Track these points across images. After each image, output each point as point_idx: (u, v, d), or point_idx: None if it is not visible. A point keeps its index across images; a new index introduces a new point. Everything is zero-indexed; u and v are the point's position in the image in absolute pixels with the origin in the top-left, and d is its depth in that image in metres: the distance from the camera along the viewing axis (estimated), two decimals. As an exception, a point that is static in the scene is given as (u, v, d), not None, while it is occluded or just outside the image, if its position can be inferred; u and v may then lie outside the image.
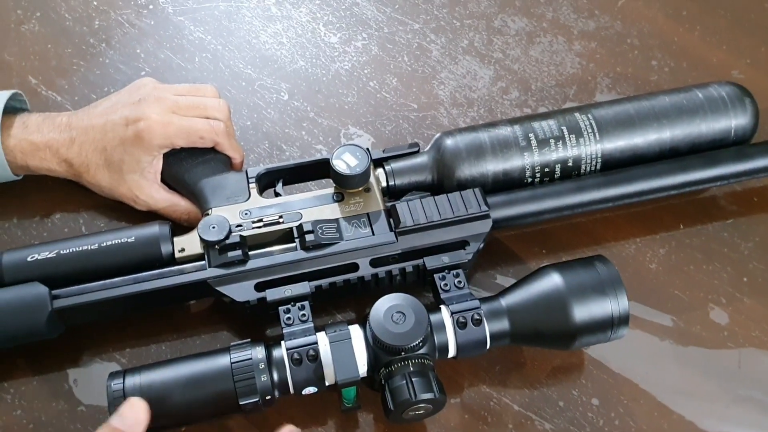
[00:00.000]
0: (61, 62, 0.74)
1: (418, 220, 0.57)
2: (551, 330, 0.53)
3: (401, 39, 0.76)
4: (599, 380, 0.58)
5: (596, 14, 0.78)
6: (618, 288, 0.53)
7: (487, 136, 0.61)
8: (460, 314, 0.53)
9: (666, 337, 0.60)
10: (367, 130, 0.70)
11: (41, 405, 0.57)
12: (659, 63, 0.74)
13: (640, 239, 0.65)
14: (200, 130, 0.60)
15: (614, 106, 0.63)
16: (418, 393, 0.49)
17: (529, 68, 0.74)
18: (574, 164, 0.61)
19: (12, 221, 0.65)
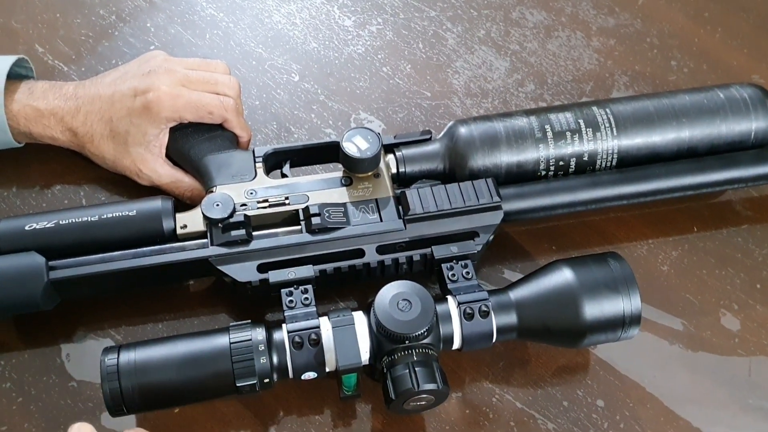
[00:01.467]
0: (69, 32, 0.72)
1: (427, 208, 0.56)
2: (560, 326, 0.52)
3: (417, 26, 0.75)
4: (605, 381, 0.57)
5: (616, 11, 0.76)
6: (631, 286, 0.52)
7: (503, 126, 0.59)
8: (467, 305, 0.51)
9: (676, 341, 0.59)
10: (378, 116, 0.69)
11: (32, 379, 0.55)
12: (678, 63, 0.73)
13: (652, 240, 0.63)
14: (209, 105, 0.58)
15: (633, 102, 0.61)
16: (421, 383, 0.48)
17: (546, 62, 0.73)
18: (589, 159, 0.59)
19: (11, 190, 0.63)
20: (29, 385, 0.55)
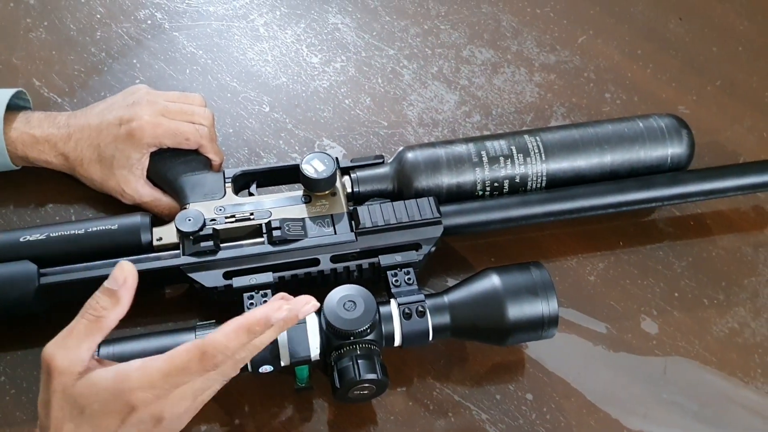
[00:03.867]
0: (63, 68, 0.80)
1: (376, 222, 0.63)
2: (487, 326, 0.59)
3: (377, 63, 0.83)
4: (535, 378, 0.63)
5: (557, 49, 0.85)
6: (549, 291, 0.59)
7: (444, 152, 0.67)
8: (405, 306, 0.58)
9: (599, 343, 0.65)
10: (339, 143, 0.77)
11: (24, 373, 0.62)
12: (612, 96, 0.81)
13: (581, 254, 0.70)
14: (186, 133, 0.66)
15: (561, 130, 0.69)
16: (363, 373, 0.55)
17: (492, 95, 0.81)
18: (521, 181, 0.67)
19: (9, 208, 0.71)
20: (21, 379, 0.61)
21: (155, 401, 0.47)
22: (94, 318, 0.48)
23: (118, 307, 0.49)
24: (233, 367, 0.49)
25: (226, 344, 0.47)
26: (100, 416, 0.47)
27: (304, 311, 0.50)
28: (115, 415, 0.47)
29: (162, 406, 0.47)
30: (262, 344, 0.50)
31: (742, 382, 0.63)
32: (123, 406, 0.46)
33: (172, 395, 0.47)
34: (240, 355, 0.49)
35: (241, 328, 0.48)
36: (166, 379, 0.47)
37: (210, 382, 0.49)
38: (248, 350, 0.49)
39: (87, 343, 0.48)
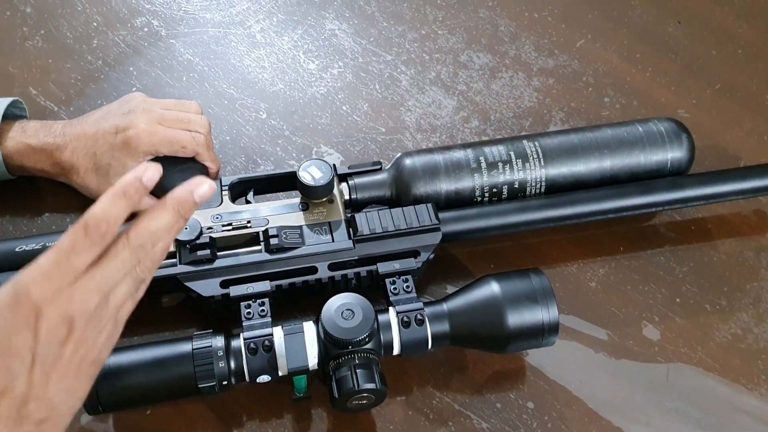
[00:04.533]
0: (60, 76, 0.80)
1: (374, 230, 0.63)
2: (487, 334, 0.58)
3: (374, 69, 0.83)
4: (535, 386, 0.63)
5: (556, 53, 0.84)
6: (549, 298, 0.58)
7: (442, 158, 0.66)
8: (404, 314, 0.58)
9: (600, 350, 0.65)
10: (337, 149, 0.76)
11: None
12: (611, 100, 0.81)
13: (582, 260, 0.70)
14: (182, 141, 0.65)
15: (560, 135, 0.69)
16: (361, 383, 0.54)
17: (490, 100, 0.80)
18: (520, 186, 0.67)
19: (5, 217, 0.70)
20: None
21: (58, 297, 0.42)
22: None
23: None
24: (135, 255, 0.45)
25: (104, 210, 0.44)
26: (9, 340, 0.42)
27: (198, 192, 0.47)
28: (23, 330, 0.42)
29: (67, 304, 0.43)
30: (159, 229, 0.46)
31: (745, 389, 0.63)
32: (27, 313, 0.42)
33: (75, 290, 0.43)
34: (139, 239, 0.45)
35: (114, 191, 0.44)
36: (58, 265, 0.43)
37: (113, 273, 0.44)
38: (147, 235, 0.45)
39: None
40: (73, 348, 0.44)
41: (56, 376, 0.44)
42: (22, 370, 0.43)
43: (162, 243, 0.46)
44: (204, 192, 0.47)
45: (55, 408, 0.45)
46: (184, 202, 0.47)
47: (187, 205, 0.47)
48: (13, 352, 0.43)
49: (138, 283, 0.47)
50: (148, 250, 0.45)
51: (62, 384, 0.45)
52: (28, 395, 0.43)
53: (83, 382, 0.46)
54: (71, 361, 0.44)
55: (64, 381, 0.44)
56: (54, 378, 0.44)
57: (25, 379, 0.43)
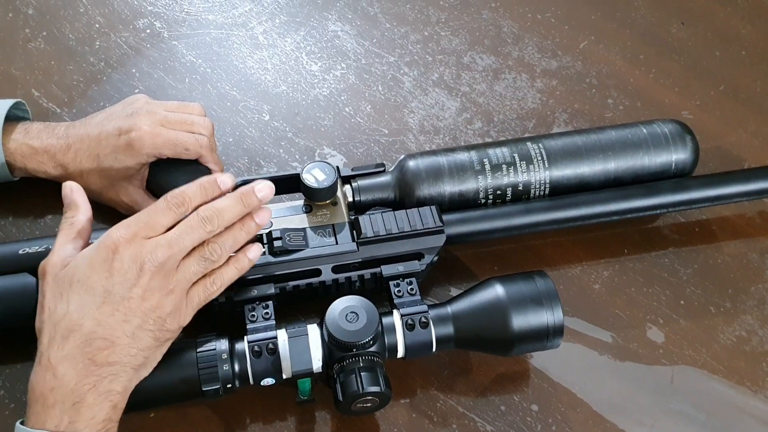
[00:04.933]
0: (62, 78, 0.80)
1: (378, 232, 0.62)
2: (492, 336, 0.58)
3: (377, 70, 0.82)
4: (540, 388, 0.63)
5: (559, 54, 0.84)
6: (554, 300, 0.58)
7: (446, 159, 0.66)
8: (408, 317, 0.58)
9: (605, 352, 0.65)
10: (340, 151, 0.76)
11: (24, 387, 0.59)
12: (615, 101, 0.81)
13: (586, 262, 0.70)
14: (186, 143, 0.65)
15: (564, 137, 0.69)
16: (366, 386, 0.54)
17: (493, 102, 0.80)
18: (524, 188, 0.66)
19: (8, 219, 0.70)
20: (21, 393, 0.61)
21: (133, 242, 0.51)
22: (67, 227, 0.55)
23: (79, 209, 0.56)
24: (202, 225, 0.53)
25: (184, 189, 0.54)
26: (88, 276, 0.51)
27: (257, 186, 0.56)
28: (101, 266, 0.51)
29: (140, 249, 0.51)
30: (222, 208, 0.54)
31: (750, 391, 0.63)
32: (106, 251, 0.51)
33: (149, 241, 0.52)
34: (206, 211, 0.53)
35: (199, 182, 0.55)
36: (138, 219, 0.53)
37: (182, 236, 0.52)
38: (213, 210, 0.54)
39: (71, 244, 0.54)
40: (140, 293, 0.51)
41: (121, 315, 0.50)
42: (93, 307, 0.50)
43: (231, 235, 0.55)
44: (262, 186, 0.56)
45: (117, 350, 0.50)
46: (246, 192, 0.55)
47: (248, 195, 0.55)
48: (89, 287, 0.50)
49: (206, 263, 0.54)
50: (215, 225, 0.53)
51: (126, 327, 0.51)
52: (95, 332, 0.50)
53: (146, 335, 0.52)
54: (138, 308, 0.51)
55: (127, 324, 0.51)
56: (118, 317, 0.50)
57: (94, 316, 0.50)
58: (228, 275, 0.56)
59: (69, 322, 0.50)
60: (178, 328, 0.54)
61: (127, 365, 0.51)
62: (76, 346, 0.50)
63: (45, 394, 0.50)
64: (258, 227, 0.56)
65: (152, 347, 0.52)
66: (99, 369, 0.50)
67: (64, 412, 0.49)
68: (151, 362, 0.53)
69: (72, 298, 0.51)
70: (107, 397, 0.50)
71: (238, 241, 0.56)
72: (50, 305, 0.51)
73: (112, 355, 0.50)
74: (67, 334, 0.50)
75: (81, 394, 0.49)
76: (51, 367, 0.50)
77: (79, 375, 0.49)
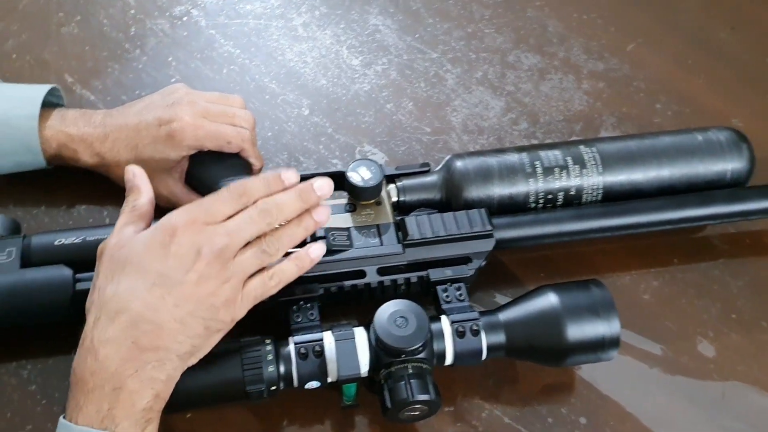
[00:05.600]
0: (96, 64, 0.78)
1: (425, 234, 0.60)
2: (545, 346, 0.56)
3: (419, 66, 0.80)
4: (588, 400, 0.61)
5: (606, 56, 0.82)
6: (611, 311, 0.56)
7: (496, 161, 0.64)
8: (459, 324, 0.55)
9: (654, 365, 0.63)
10: (381, 149, 0.74)
11: (56, 383, 0.59)
12: (663, 106, 0.78)
13: (635, 271, 0.68)
14: (228, 135, 0.63)
15: (618, 141, 0.66)
16: (415, 393, 0.52)
17: (539, 102, 0.78)
18: (576, 193, 0.64)
19: (40, 209, 0.68)
20: (53, 389, 0.59)
21: (192, 227, 0.50)
22: (129, 210, 0.53)
23: (141, 193, 0.55)
24: (261, 217, 0.51)
25: (247, 181, 0.53)
26: (143, 258, 0.49)
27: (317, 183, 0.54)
28: (157, 248, 0.49)
29: (198, 234, 0.50)
30: (281, 202, 0.52)
31: (805, 410, 0.61)
32: (164, 234, 0.50)
33: (207, 228, 0.50)
34: (265, 204, 0.52)
35: (265, 175, 0.54)
36: (199, 205, 0.52)
37: (240, 225, 0.51)
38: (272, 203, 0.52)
39: (131, 227, 0.52)
40: (195, 278, 0.49)
41: (172, 299, 0.48)
42: (143, 289, 0.48)
43: (288, 230, 0.53)
44: (321, 183, 0.54)
45: (164, 335, 0.48)
46: (305, 188, 0.53)
47: (307, 191, 0.53)
48: (142, 269, 0.49)
49: (263, 256, 0.52)
50: (274, 219, 0.52)
51: (175, 312, 0.48)
52: (142, 315, 0.48)
53: (196, 322, 0.49)
54: (191, 293, 0.49)
55: (177, 309, 0.48)
56: (169, 301, 0.48)
57: (143, 298, 0.48)
58: (288, 273, 0.53)
59: (117, 302, 0.48)
60: (231, 321, 0.52)
61: (172, 352, 0.49)
62: (121, 329, 0.48)
63: (85, 378, 0.47)
64: (316, 225, 0.54)
65: (201, 336, 0.50)
66: (143, 354, 0.48)
67: (103, 398, 0.47)
68: (199, 352, 0.51)
69: (123, 279, 0.49)
70: (150, 384, 0.48)
71: (295, 238, 0.53)
72: (101, 285, 0.50)
73: (158, 340, 0.48)
74: (114, 315, 0.48)
75: (122, 379, 0.47)
76: (93, 349, 0.48)
77: (122, 359, 0.47)
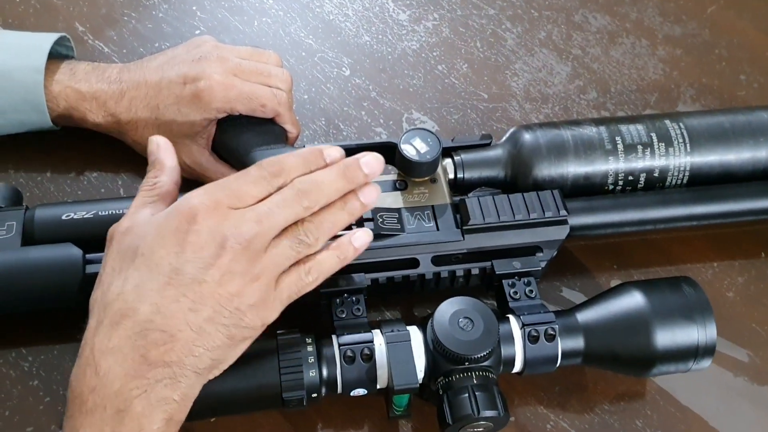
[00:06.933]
0: (111, 11, 0.69)
1: (488, 218, 0.52)
2: (629, 354, 0.49)
3: (475, 23, 0.71)
4: (665, 413, 0.54)
5: (683, 19, 0.73)
6: (707, 315, 0.49)
7: (571, 134, 0.56)
8: (532, 327, 0.48)
9: (741, 374, 0.55)
10: (431, 117, 0.66)
11: (60, 378, 0.52)
12: (748, 78, 0.69)
13: (717, 264, 0.60)
14: (262, 97, 0.55)
15: (707, 117, 0.58)
16: (482, 409, 0.45)
17: (609, 69, 0.69)
18: (660, 175, 0.56)
19: (45, 175, 0.60)
20: (57, 384, 0.52)
21: (215, 211, 0.41)
22: (148, 188, 0.46)
23: (164, 169, 0.46)
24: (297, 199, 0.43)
25: (283, 157, 0.44)
26: (155, 248, 0.41)
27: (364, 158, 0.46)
28: (171, 238, 0.41)
29: (222, 220, 0.41)
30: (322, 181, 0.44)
31: None
32: (180, 220, 0.41)
33: (233, 213, 0.42)
34: (302, 183, 0.44)
35: (303, 152, 0.45)
36: (224, 184, 0.43)
37: (273, 209, 0.42)
38: (310, 182, 0.44)
39: (148, 209, 0.44)
40: (217, 276, 0.41)
41: (188, 302, 0.40)
42: (153, 288, 0.40)
43: (330, 214, 0.44)
44: (369, 159, 0.46)
45: (178, 346, 0.40)
46: (350, 164, 0.45)
47: (352, 168, 0.45)
48: (153, 263, 0.41)
49: (300, 246, 0.43)
50: (312, 201, 0.43)
51: (191, 317, 0.40)
52: (152, 321, 0.40)
53: (217, 331, 0.41)
54: (211, 295, 0.41)
55: (194, 315, 0.40)
56: (184, 303, 0.40)
57: (153, 300, 0.40)
58: (327, 265, 0.45)
59: (122, 304, 0.41)
60: (260, 326, 0.43)
61: (188, 367, 0.41)
62: (127, 337, 0.40)
63: (83, 395, 0.40)
64: (363, 207, 0.46)
65: (223, 347, 0.42)
66: (152, 369, 0.40)
67: (105, 422, 0.39)
68: (220, 366, 0.43)
69: (131, 275, 0.41)
70: (161, 406, 0.40)
71: (338, 224, 0.45)
72: (106, 280, 0.42)
73: (171, 353, 0.40)
74: (118, 319, 0.40)
75: (127, 399, 0.39)
76: (93, 361, 0.40)
77: (127, 375, 0.39)
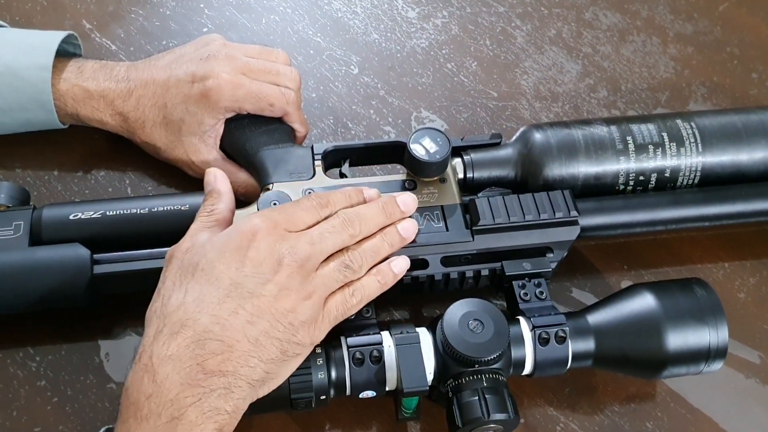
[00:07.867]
0: (118, 8, 0.69)
1: (498, 219, 0.52)
2: (640, 356, 0.48)
3: (484, 21, 0.71)
4: (676, 415, 0.53)
5: (695, 17, 0.72)
6: (719, 317, 0.48)
7: (581, 134, 0.55)
8: (542, 329, 0.47)
9: (752, 375, 0.55)
10: (440, 116, 0.65)
11: (68, 378, 0.52)
12: (760, 77, 0.69)
13: (728, 264, 0.60)
14: (271, 96, 0.55)
15: (719, 116, 0.57)
16: (492, 412, 0.44)
17: (620, 67, 0.68)
18: (671, 175, 0.55)
19: (53, 174, 0.60)
20: (65, 385, 0.52)
21: (274, 232, 0.44)
22: (207, 214, 0.47)
23: (221, 198, 0.48)
24: (344, 227, 0.46)
25: (331, 194, 0.48)
26: (216, 264, 0.43)
27: (401, 197, 0.50)
28: (233, 254, 0.43)
29: (280, 241, 0.44)
30: (365, 214, 0.48)
31: None
32: (242, 237, 0.44)
33: (289, 236, 0.45)
34: (347, 214, 0.47)
35: (353, 190, 0.49)
36: (282, 210, 0.46)
37: (324, 234, 0.45)
38: (354, 213, 0.47)
39: (206, 232, 0.46)
40: (275, 291, 0.43)
41: (246, 314, 0.42)
42: (213, 300, 0.42)
43: (372, 244, 0.47)
44: (405, 198, 0.50)
45: (234, 356, 0.41)
46: (388, 202, 0.49)
47: (390, 205, 0.49)
48: (214, 277, 0.43)
49: (346, 271, 0.46)
50: (357, 230, 0.47)
51: (249, 330, 0.42)
52: (210, 331, 0.41)
53: (272, 344, 0.42)
54: (268, 308, 0.42)
55: (251, 327, 0.42)
56: (243, 316, 0.42)
57: (212, 312, 0.42)
58: (370, 289, 0.47)
59: (182, 314, 0.42)
60: (309, 344, 0.44)
61: (242, 377, 0.41)
62: (186, 345, 0.41)
63: (139, 402, 0.40)
64: (402, 240, 0.49)
65: (276, 361, 0.42)
66: (208, 378, 0.40)
67: (158, 428, 0.39)
68: (273, 381, 0.43)
69: (192, 287, 0.42)
70: (212, 416, 0.40)
71: (379, 253, 0.48)
72: (166, 293, 0.43)
73: (227, 363, 0.41)
74: (178, 328, 0.41)
75: (182, 407, 0.39)
76: (151, 368, 0.40)
77: (184, 383, 0.40)
